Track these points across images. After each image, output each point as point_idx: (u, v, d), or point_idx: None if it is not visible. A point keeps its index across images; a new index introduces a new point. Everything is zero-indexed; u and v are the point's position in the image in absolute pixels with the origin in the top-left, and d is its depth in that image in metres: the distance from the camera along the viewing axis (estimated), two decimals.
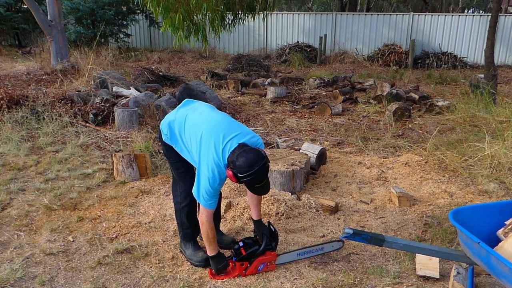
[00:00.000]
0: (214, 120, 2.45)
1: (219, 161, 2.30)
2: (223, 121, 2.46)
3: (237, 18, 9.10)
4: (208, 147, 2.32)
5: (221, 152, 2.30)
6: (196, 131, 2.40)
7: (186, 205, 2.70)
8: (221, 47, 15.67)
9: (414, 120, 6.48)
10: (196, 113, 2.53)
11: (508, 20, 13.84)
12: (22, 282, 2.49)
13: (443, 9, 24.22)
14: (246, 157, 2.20)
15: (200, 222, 2.45)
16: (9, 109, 5.94)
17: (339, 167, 4.43)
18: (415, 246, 2.37)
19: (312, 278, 2.53)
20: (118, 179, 4.05)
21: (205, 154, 2.33)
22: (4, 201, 3.55)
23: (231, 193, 3.62)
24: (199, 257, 2.67)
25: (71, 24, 13.43)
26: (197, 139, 2.37)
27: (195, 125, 2.44)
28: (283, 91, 8.41)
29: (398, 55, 13.75)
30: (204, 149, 2.34)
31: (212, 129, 2.37)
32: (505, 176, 4.04)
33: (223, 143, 2.31)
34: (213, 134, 2.34)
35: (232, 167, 2.23)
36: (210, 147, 2.31)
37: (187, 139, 2.47)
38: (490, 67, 7.07)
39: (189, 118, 2.51)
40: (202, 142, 2.35)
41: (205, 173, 2.31)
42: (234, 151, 2.26)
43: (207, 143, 2.34)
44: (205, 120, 2.45)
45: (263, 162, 2.23)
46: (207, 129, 2.38)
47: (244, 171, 2.18)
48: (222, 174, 2.31)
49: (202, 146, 2.35)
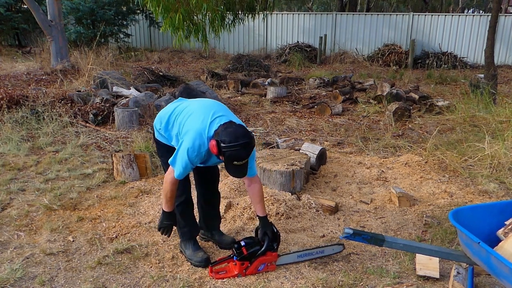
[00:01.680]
0: (207, 102, 2.52)
1: (203, 132, 2.29)
2: (216, 103, 2.49)
3: (237, 18, 9.10)
4: (195, 119, 2.35)
5: (208, 124, 2.31)
6: (187, 111, 2.43)
7: (181, 203, 2.69)
8: (221, 47, 15.66)
9: (414, 120, 6.48)
10: (190, 101, 2.57)
11: (508, 20, 13.84)
12: (22, 282, 2.49)
13: (443, 9, 24.22)
14: (235, 130, 2.23)
15: (165, 180, 2.43)
16: (9, 109, 5.94)
17: (339, 167, 4.43)
18: (415, 246, 2.37)
19: (312, 278, 2.53)
20: (118, 179, 4.05)
21: (189, 125, 2.34)
22: (4, 201, 3.55)
23: (231, 193, 3.62)
24: (199, 257, 2.67)
25: (71, 24, 13.43)
26: (186, 117, 2.40)
27: (187, 107, 2.47)
28: (283, 91, 8.41)
29: (398, 55, 13.75)
30: (190, 121, 2.36)
31: (203, 106, 2.44)
32: (505, 176, 4.04)
33: (212, 117, 2.34)
34: (204, 111, 2.39)
35: (217, 137, 2.22)
36: (197, 120, 2.34)
37: (178, 124, 2.46)
38: (490, 67, 7.07)
39: (183, 104, 2.54)
40: (190, 117, 2.38)
41: (186, 143, 2.29)
42: (224, 124, 2.28)
43: (195, 117, 2.36)
44: (197, 102, 2.50)
45: (250, 139, 2.24)
46: (198, 107, 2.44)
47: (227, 141, 2.18)
48: (203, 146, 2.29)
49: (188, 119, 2.37)
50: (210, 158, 2.45)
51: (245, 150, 2.24)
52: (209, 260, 2.69)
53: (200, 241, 2.90)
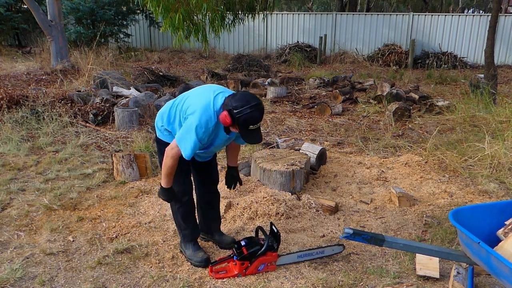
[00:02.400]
0: (203, 86, 2.53)
1: (208, 107, 2.27)
2: (213, 85, 2.51)
3: (237, 18, 9.10)
4: (197, 100, 2.34)
5: (212, 99, 2.30)
6: (187, 99, 2.42)
7: (183, 204, 2.68)
8: (221, 47, 15.66)
9: (414, 120, 6.48)
10: (187, 92, 2.55)
11: (508, 20, 13.84)
12: (22, 282, 2.49)
13: (443, 9, 24.22)
14: (243, 95, 2.26)
15: (166, 154, 2.37)
16: (9, 109, 5.94)
17: (339, 167, 4.43)
18: (415, 246, 2.37)
19: (312, 278, 2.53)
20: (118, 179, 4.05)
21: (193, 106, 2.31)
22: (4, 201, 3.55)
23: (231, 193, 3.62)
24: (199, 258, 2.67)
25: (71, 24, 13.43)
26: (187, 103, 2.38)
27: (186, 97, 2.47)
28: (283, 91, 8.41)
29: (398, 55, 13.75)
30: (192, 103, 2.33)
31: (202, 89, 2.45)
32: (505, 176, 4.05)
33: (215, 93, 2.34)
34: (204, 91, 2.41)
35: (227, 106, 2.21)
36: (200, 99, 2.33)
37: (179, 112, 2.44)
38: (490, 67, 7.07)
39: (181, 96, 2.52)
40: (192, 100, 2.36)
41: (193, 121, 2.26)
42: (229, 96, 2.28)
43: (196, 98, 2.35)
44: (194, 90, 2.50)
45: (260, 101, 2.27)
46: (196, 92, 2.44)
47: (240, 106, 2.18)
48: (210, 121, 2.26)
49: (190, 102, 2.35)
50: (216, 137, 2.41)
51: (258, 111, 2.23)
52: (209, 260, 2.69)
53: (200, 241, 2.90)
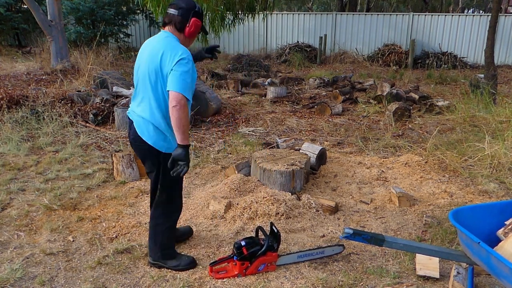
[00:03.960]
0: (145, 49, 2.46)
1: (177, 44, 2.32)
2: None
3: (237, 18, 9.10)
4: (164, 48, 2.30)
5: (172, 39, 2.34)
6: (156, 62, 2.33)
7: (171, 224, 2.62)
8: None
9: (414, 120, 6.48)
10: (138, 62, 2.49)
11: (508, 20, 13.84)
12: (22, 282, 2.49)
13: (443, 9, 24.22)
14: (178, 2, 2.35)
15: (177, 110, 2.21)
16: (9, 109, 5.94)
17: (339, 167, 4.43)
18: (415, 246, 2.37)
19: (312, 278, 2.53)
20: (118, 179, 4.05)
21: (170, 53, 2.27)
22: (4, 201, 3.55)
23: (231, 193, 3.62)
24: (186, 260, 2.63)
25: (71, 24, 13.42)
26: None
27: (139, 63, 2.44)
28: (283, 91, 8.41)
29: (398, 55, 13.75)
30: (165, 52, 2.28)
31: (154, 45, 2.38)
32: (505, 176, 4.05)
33: (166, 37, 2.36)
34: (157, 44, 2.36)
35: (185, 15, 2.31)
36: (165, 46, 2.31)
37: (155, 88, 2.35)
38: (490, 67, 7.07)
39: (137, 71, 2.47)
40: (161, 54, 2.30)
41: (181, 60, 2.24)
42: (174, 17, 2.34)
43: (162, 49, 2.31)
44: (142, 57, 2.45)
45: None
46: (153, 51, 2.37)
47: (193, 4, 2.33)
48: (187, 52, 2.29)
49: (165, 54, 2.29)
50: (195, 73, 2.36)
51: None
52: (195, 259, 2.67)
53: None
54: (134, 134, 2.45)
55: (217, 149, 5.02)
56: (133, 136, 2.46)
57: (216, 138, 5.56)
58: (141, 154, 2.52)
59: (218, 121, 6.38)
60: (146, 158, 2.52)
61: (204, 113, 6.44)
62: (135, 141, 2.48)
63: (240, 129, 6.01)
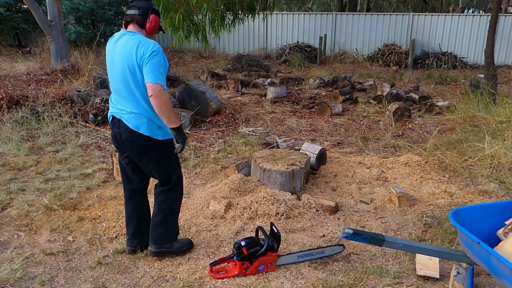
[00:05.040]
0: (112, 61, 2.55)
1: (144, 38, 2.46)
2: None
3: (237, 18, 9.10)
4: (136, 45, 2.41)
5: (139, 36, 2.46)
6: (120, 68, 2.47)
7: (178, 208, 2.80)
8: (221, 47, 15.65)
9: (414, 120, 6.48)
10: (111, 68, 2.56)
11: (508, 20, 13.83)
12: (22, 282, 2.49)
13: (443, 9, 24.21)
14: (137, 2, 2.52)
15: (160, 98, 2.36)
16: (9, 109, 5.94)
17: (339, 167, 4.43)
18: (415, 246, 2.37)
19: (312, 278, 2.53)
20: (118, 179, 4.05)
21: (143, 48, 2.39)
22: (4, 201, 3.55)
23: (231, 193, 3.62)
24: (185, 242, 2.82)
25: (71, 24, 13.41)
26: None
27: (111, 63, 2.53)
28: (283, 91, 8.41)
29: (398, 55, 13.74)
30: (140, 47, 2.40)
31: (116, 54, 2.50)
32: (505, 176, 4.05)
33: (131, 36, 2.47)
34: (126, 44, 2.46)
35: (146, 13, 2.49)
36: (137, 41, 2.42)
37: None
38: (490, 67, 7.08)
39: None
40: (135, 49, 2.40)
41: (155, 57, 2.38)
42: (135, 16, 2.50)
43: (134, 46, 2.41)
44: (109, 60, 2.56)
45: None
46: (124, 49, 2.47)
47: (148, 5, 2.50)
48: (157, 45, 2.42)
49: (138, 49, 2.40)
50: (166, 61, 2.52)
51: None
52: (191, 240, 2.89)
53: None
54: (127, 131, 2.49)
55: (217, 149, 5.02)
56: (127, 133, 2.50)
57: (216, 138, 5.57)
58: (138, 149, 2.54)
59: (218, 121, 6.38)
60: (145, 152, 2.55)
61: (204, 113, 6.44)
62: (130, 137, 2.50)
63: (240, 129, 6.01)
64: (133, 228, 2.76)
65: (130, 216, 2.77)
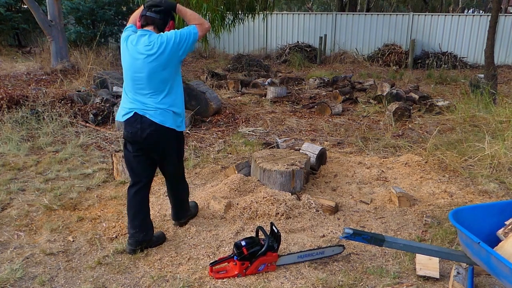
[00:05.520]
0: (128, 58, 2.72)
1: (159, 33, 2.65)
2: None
3: (237, 18, 9.09)
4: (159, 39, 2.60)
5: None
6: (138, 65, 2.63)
7: (188, 186, 3.21)
8: (221, 47, 15.65)
9: (414, 120, 6.48)
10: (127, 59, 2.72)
11: (508, 20, 13.83)
12: (22, 282, 2.49)
13: (443, 9, 24.21)
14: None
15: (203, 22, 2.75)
16: (9, 109, 5.94)
17: (339, 167, 4.43)
18: (415, 246, 2.37)
19: (312, 278, 2.53)
20: (118, 179, 4.05)
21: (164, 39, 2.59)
22: (4, 201, 3.55)
23: (231, 193, 3.62)
24: (193, 205, 3.29)
25: (71, 24, 13.41)
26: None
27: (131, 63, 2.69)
28: (283, 91, 8.41)
29: (398, 55, 13.75)
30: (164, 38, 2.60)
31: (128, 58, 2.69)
32: (505, 176, 4.05)
33: (137, 31, 2.71)
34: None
35: (165, 17, 2.73)
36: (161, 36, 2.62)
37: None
38: (490, 67, 7.08)
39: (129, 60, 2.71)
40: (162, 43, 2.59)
41: (183, 33, 2.64)
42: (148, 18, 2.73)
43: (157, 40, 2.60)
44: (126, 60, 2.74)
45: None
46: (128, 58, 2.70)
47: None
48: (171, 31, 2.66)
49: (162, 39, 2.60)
50: None
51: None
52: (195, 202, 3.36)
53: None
54: (152, 125, 2.61)
55: (217, 149, 5.02)
56: (152, 127, 2.61)
57: (216, 138, 5.57)
58: (163, 142, 2.70)
59: (218, 121, 6.38)
60: (169, 144, 2.75)
61: (204, 113, 6.44)
62: (156, 131, 2.62)
63: (240, 129, 6.01)
64: (139, 221, 2.79)
65: (138, 209, 2.80)
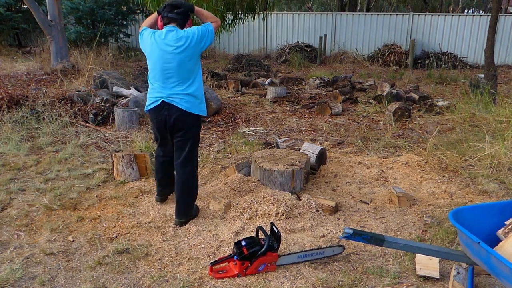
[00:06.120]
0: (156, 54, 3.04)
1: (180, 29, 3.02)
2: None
3: (237, 18, 9.10)
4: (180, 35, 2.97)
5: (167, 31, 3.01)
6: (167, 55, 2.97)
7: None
8: (221, 47, 15.66)
9: (414, 120, 6.48)
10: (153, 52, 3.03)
11: (508, 20, 13.84)
12: (22, 282, 2.49)
13: (443, 9, 24.21)
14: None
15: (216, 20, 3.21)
16: (9, 109, 5.94)
17: (339, 167, 4.43)
18: (415, 246, 2.37)
19: (312, 278, 2.53)
20: (118, 179, 4.05)
21: (186, 34, 2.97)
22: (4, 201, 3.55)
23: (231, 193, 3.62)
24: (195, 206, 3.33)
25: (71, 24, 13.42)
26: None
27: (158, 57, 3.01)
28: (283, 91, 8.41)
29: (398, 55, 13.75)
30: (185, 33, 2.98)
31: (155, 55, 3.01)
32: (505, 176, 4.05)
33: (163, 31, 3.01)
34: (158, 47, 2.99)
35: (185, 17, 3.08)
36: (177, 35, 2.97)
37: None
38: (490, 67, 7.08)
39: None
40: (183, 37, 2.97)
41: (203, 29, 3.04)
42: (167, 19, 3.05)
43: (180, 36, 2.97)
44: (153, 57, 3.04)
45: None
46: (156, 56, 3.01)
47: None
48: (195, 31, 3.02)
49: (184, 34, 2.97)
50: None
51: None
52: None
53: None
54: (178, 112, 2.99)
55: (217, 149, 5.02)
56: (179, 113, 2.99)
57: (216, 138, 5.57)
58: (186, 126, 3.06)
59: (218, 121, 6.38)
60: (191, 128, 3.10)
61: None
62: (182, 116, 3.00)
63: (240, 129, 6.01)
64: (168, 180, 3.38)
65: (170, 172, 3.35)
